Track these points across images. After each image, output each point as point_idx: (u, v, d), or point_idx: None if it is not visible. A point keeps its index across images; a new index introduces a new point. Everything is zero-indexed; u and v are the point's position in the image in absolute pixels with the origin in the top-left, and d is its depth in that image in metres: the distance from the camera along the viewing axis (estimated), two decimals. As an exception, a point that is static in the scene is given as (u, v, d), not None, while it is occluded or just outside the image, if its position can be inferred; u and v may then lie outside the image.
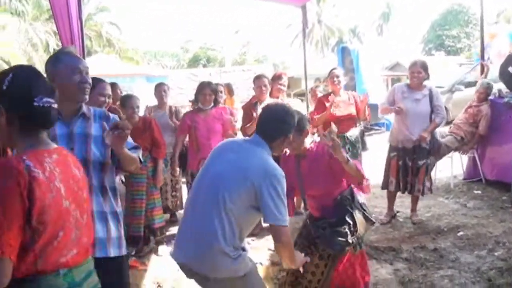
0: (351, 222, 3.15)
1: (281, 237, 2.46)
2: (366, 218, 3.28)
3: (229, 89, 9.45)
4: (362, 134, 5.57)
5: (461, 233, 5.05)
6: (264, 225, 3.97)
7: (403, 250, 4.64)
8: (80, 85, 2.52)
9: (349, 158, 3.08)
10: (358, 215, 3.21)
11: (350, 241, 3.11)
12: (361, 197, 3.37)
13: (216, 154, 2.71)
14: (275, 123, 2.66)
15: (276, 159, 2.67)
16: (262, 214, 2.45)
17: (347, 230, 3.12)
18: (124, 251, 2.71)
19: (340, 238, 3.10)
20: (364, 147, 5.58)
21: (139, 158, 2.70)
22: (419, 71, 5.22)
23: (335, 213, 3.18)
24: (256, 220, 2.63)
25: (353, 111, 5.46)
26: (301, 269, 2.95)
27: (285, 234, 2.46)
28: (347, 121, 5.46)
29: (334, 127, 3.37)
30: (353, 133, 5.51)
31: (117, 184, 2.73)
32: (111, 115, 2.71)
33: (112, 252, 2.61)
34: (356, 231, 3.15)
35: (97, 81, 3.42)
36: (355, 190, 3.32)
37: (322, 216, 3.25)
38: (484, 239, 4.84)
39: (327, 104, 5.34)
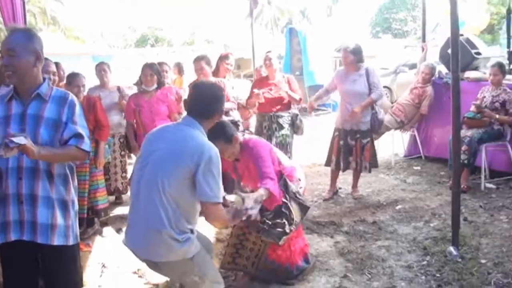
0: (287, 213, 3.31)
1: (210, 214, 2.55)
2: (301, 205, 3.42)
3: (179, 69, 9.37)
4: (296, 117, 5.61)
5: (399, 206, 5.28)
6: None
7: (344, 224, 4.81)
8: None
9: (262, 192, 3.13)
10: (293, 205, 3.37)
11: (287, 230, 3.27)
12: (294, 186, 3.50)
13: (152, 140, 2.70)
14: (206, 101, 2.68)
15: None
16: (197, 193, 2.49)
17: (284, 220, 3.28)
18: (71, 241, 2.66)
19: (278, 229, 3.26)
20: (297, 131, 5.64)
21: (83, 149, 2.60)
22: (346, 55, 5.38)
23: (271, 205, 3.31)
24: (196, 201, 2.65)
25: (284, 94, 5.47)
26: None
27: (215, 211, 2.55)
28: (278, 103, 5.49)
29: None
30: (283, 115, 5.53)
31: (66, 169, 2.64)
32: (69, 100, 2.62)
33: (56, 240, 2.57)
34: (293, 219, 3.31)
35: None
36: (287, 179, 3.44)
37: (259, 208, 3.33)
38: (421, 211, 5.08)
39: (256, 91, 5.40)
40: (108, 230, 4.96)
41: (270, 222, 3.27)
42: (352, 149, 5.48)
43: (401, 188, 5.97)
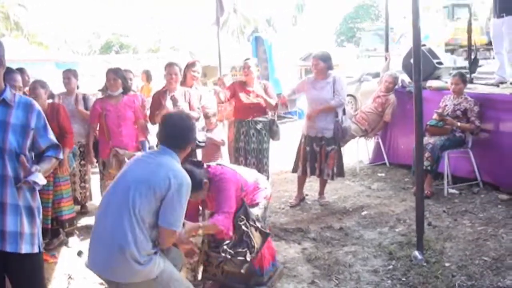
0: (248, 241, 3.35)
1: (165, 239, 2.63)
2: (261, 232, 3.45)
3: (147, 76, 9.30)
4: (272, 123, 5.70)
5: (365, 212, 5.37)
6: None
7: (311, 231, 4.85)
8: None
9: (200, 225, 3.24)
10: (254, 232, 3.39)
11: (248, 259, 3.31)
12: (255, 210, 3.54)
13: (131, 164, 2.80)
14: (179, 133, 2.80)
15: None
16: (159, 216, 2.56)
17: (246, 249, 3.32)
18: (37, 249, 2.65)
19: (240, 258, 3.30)
20: (274, 137, 5.74)
21: (60, 158, 2.74)
22: (317, 62, 5.47)
23: (233, 234, 3.33)
24: None
25: (261, 101, 5.57)
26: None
27: (170, 238, 2.64)
28: (255, 110, 5.60)
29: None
30: (260, 120, 5.64)
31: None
32: (36, 107, 2.64)
33: (24, 249, 2.54)
34: (254, 246, 3.34)
35: (6, 72, 3.27)
36: (248, 206, 3.47)
37: (221, 237, 3.35)
38: (386, 217, 5.18)
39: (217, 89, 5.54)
40: (74, 241, 4.86)
41: (232, 251, 3.30)
42: (317, 155, 5.55)
43: (366, 195, 6.07)
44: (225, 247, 3.31)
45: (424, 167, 4.89)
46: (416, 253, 3.97)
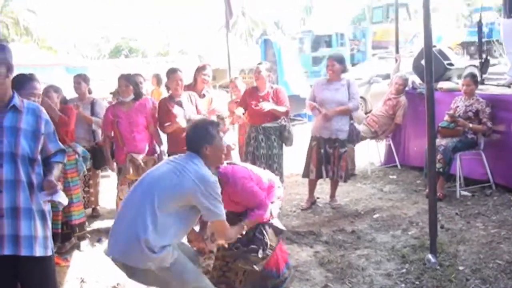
0: (261, 238, 3.33)
1: (224, 230, 2.91)
2: (275, 229, 3.43)
3: (158, 80, 9.33)
4: (284, 129, 5.60)
5: (377, 215, 5.34)
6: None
7: (323, 234, 4.84)
8: None
9: (244, 225, 3.22)
10: (267, 229, 3.38)
11: (260, 256, 3.28)
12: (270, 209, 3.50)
13: (159, 165, 3.02)
14: (195, 136, 2.94)
15: None
16: (204, 215, 2.81)
17: (259, 246, 3.30)
18: (50, 252, 2.69)
19: (253, 254, 3.28)
20: (286, 142, 5.66)
21: (64, 163, 2.87)
22: (333, 63, 5.45)
23: (246, 231, 3.31)
24: (189, 222, 2.88)
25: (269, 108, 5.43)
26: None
27: (223, 228, 2.88)
28: (266, 116, 5.48)
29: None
30: (269, 126, 5.54)
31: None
32: (43, 115, 2.69)
33: (38, 252, 2.58)
34: (267, 243, 3.32)
35: (26, 80, 3.30)
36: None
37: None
38: (398, 220, 5.14)
39: (237, 112, 5.58)
40: (86, 244, 4.88)
41: (245, 248, 3.29)
42: (330, 157, 5.52)
43: (378, 197, 6.03)
44: (238, 244, 3.30)
45: (436, 169, 4.86)
46: (430, 256, 3.95)
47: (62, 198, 2.58)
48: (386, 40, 20.42)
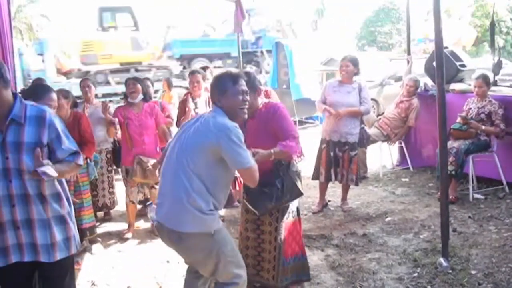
0: (279, 187, 3.33)
1: (247, 177, 2.80)
2: (296, 188, 3.44)
3: (168, 83, 9.38)
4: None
5: (388, 218, 5.30)
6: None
7: (334, 237, 4.81)
8: None
9: (272, 151, 3.24)
10: (288, 183, 3.39)
11: (272, 204, 3.32)
12: (297, 166, 3.57)
13: (184, 125, 2.99)
14: (211, 88, 2.95)
15: None
16: (229, 164, 2.73)
17: (274, 193, 3.32)
18: (74, 250, 2.75)
19: (264, 199, 3.31)
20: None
21: (79, 164, 2.75)
22: (347, 64, 5.43)
23: (269, 175, 3.32)
24: (223, 175, 2.80)
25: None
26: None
27: (251, 174, 2.76)
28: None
29: None
30: None
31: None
32: (47, 118, 2.58)
33: (58, 256, 2.63)
34: (282, 197, 3.34)
35: (44, 91, 3.30)
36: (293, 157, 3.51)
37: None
38: (410, 223, 5.10)
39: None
40: (97, 247, 4.91)
41: (257, 188, 3.15)
42: (340, 160, 5.50)
43: (390, 200, 5.99)
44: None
45: (448, 172, 4.81)
46: (442, 260, 3.91)
47: (49, 170, 2.43)
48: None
